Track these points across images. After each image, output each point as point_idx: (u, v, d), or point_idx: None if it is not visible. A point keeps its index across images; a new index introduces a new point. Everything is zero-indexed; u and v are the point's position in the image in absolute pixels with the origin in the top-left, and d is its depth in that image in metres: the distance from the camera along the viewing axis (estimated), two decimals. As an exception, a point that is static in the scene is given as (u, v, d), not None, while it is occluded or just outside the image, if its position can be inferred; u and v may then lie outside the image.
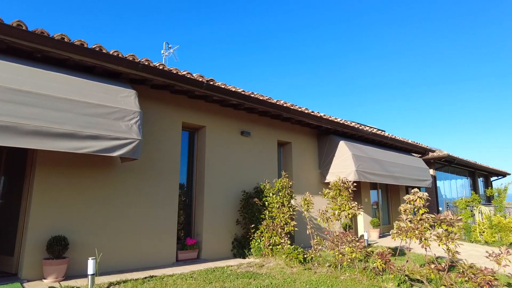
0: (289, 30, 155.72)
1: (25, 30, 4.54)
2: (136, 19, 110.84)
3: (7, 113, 3.99)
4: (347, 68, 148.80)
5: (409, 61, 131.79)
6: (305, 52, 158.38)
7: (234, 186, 7.34)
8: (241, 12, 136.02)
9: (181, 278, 4.99)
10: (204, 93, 6.39)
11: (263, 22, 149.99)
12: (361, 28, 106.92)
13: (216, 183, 7.04)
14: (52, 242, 4.74)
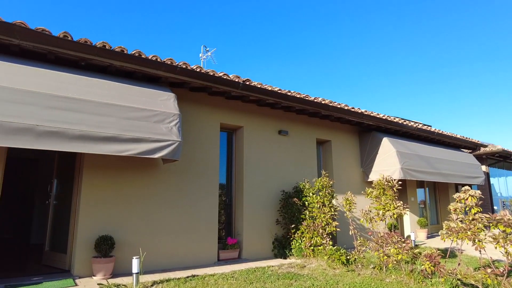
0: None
1: (71, 40, 4.79)
2: (175, 24, 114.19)
3: (56, 119, 4.23)
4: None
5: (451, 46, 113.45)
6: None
7: (273, 186, 7.29)
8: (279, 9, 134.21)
9: (222, 278, 5.02)
10: (240, 93, 6.40)
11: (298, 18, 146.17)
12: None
13: (255, 183, 7.03)
14: (99, 241, 4.96)
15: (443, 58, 30.43)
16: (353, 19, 29.44)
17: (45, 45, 4.62)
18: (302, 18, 29.74)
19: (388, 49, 32.78)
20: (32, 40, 4.53)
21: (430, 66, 32.83)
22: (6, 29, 4.35)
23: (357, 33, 31.01)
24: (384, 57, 33.84)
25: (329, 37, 31.58)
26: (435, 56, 31.82)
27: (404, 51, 32.32)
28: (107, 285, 4.46)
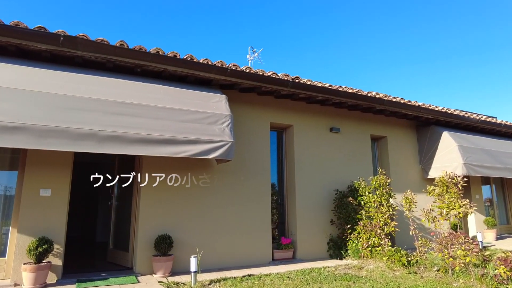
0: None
1: (127, 48, 5.02)
2: (221, 26, 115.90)
3: (117, 124, 4.45)
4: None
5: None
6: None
7: (326, 185, 7.12)
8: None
9: (278, 278, 4.98)
10: (290, 91, 6.32)
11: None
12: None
13: (307, 182, 6.91)
14: (159, 241, 5.15)
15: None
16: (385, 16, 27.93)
17: (104, 54, 4.89)
18: (349, 13, 28.84)
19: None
20: (93, 51, 4.82)
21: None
22: (70, 42, 4.66)
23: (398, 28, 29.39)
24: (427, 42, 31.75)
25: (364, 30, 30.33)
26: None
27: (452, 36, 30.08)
28: (167, 283, 4.61)
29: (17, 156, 5.02)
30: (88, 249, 8.10)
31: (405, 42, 30.73)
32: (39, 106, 4.14)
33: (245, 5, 27.71)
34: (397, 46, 31.33)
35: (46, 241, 4.51)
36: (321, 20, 29.06)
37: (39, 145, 4.04)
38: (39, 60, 4.86)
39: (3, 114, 3.94)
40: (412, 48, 31.07)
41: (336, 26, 29.94)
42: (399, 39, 30.76)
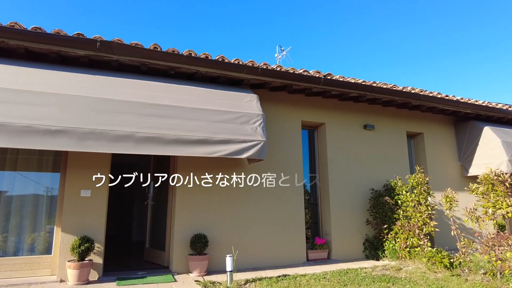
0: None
1: (160, 51, 5.12)
2: (248, 27, 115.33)
3: (152, 125, 4.55)
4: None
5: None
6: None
7: (361, 184, 6.94)
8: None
9: (314, 279, 4.90)
10: (322, 89, 6.22)
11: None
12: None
13: (340, 181, 6.77)
14: (194, 240, 5.21)
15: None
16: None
17: (138, 58, 5.01)
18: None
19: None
20: (128, 54, 4.95)
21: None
22: (107, 47, 4.81)
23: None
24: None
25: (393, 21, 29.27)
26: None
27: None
28: (203, 282, 4.65)
29: (59, 158, 5.25)
30: (125, 248, 8.35)
31: (438, 33, 29.49)
32: (78, 110, 4.30)
33: (271, 3, 27.59)
34: (431, 37, 30.13)
35: (87, 240, 4.68)
36: (350, 16, 28.44)
37: (79, 147, 4.19)
38: (77, 66, 5.06)
39: (46, 118, 4.12)
40: (446, 39, 29.76)
41: (364, 21, 29.19)
42: (434, 30, 29.56)
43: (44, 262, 4.91)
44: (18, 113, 4.05)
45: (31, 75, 4.50)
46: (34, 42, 4.57)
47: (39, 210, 5.15)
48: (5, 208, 5.00)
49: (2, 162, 5.07)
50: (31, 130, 4.02)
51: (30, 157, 5.19)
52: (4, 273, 4.69)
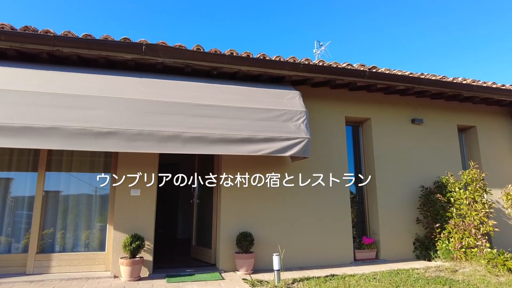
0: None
1: (203, 52, 5.18)
2: (286, 23, 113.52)
3: (198, 125, 4.61)
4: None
5: None
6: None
7: (409, 181, 6.64)
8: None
9: (364, 279, 4.74)
10: (367, 82, 6.00)
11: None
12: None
13: (388, 179, 6.51)
14: (240, 238, 5.23)
15: None
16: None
17: (182, 59, 5.10)
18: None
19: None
20: (172, 56, 5.05)
21: None
22: (152, 50, 4.94)
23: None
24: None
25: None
26: None
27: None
28: (250, 280, 4.65)
29: (109, 159, 5.47)
30: (171, 246, 8.58)
31: (489, 17, 27.59)
32: (128, 112, 4.44)
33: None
34: (482, 23, 28.26)
35: (138, 237, 4.84)
36: (390, 4, 27.36)
37: (129, 148, 4.33)
38: (124, 69, 5.24)
39: (98, 121, 4.31)
40: (498, 24, 27.78)
41: (406, 10, 27.94)
42: (485, 14, 27.72)
43: (98, 258, 5.15)
44: (72, 116, 4.27)
45: (82, 80, 4.72)
46: (85, 48, 4.78)
47: (92, 209, 5.40)
48: (62, 207, 5.30)
49: (58, 164, 5.37)
50: (84, 132, 4.22)
51: (83, 159, 5.46)
52: (65, 268, 4.98)
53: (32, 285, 4.41)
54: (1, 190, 5.23)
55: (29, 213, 5.18)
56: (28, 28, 4.85)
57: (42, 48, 4.66)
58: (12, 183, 5.31)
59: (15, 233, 5.14)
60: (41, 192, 5.16)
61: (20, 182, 5.30)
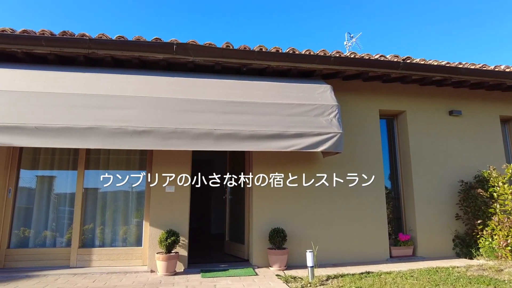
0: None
1: (233, 49, 5.19)
2: (315, 16, 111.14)
3: (229, 122, 4.64)
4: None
5: None
6: None
7: (448, 176, 6.36)
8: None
9: (401, 277, 4.61)
10: (401, 74, 5.79)
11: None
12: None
13: (425, 173, 6.27)
14: (272, 234, 5.23)
15: None
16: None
17: (212, 58, 5.13)
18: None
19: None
20: (202, 55, 5.10)
21: None
22: (183, 49, 5.01)
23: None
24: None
25: None
26: None
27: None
28: (284, 276, 4.64)
29: (144, 157, 5.63)
30: (205, 241, 8.73)
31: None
32: (161, 111, 4.54)
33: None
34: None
35: (173, 233, 4.95)
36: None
37: (164, 146, 4.43)
38: (156, 69, 5.35)
39: (133, 120, 4.43)
40: (543, 10, 25.90)
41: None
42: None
43: (136, 253, 5.33)
44: (108, 116, 4.42)
45: (116, 80, 4.87)
46: (119, 50, 4.93)
47: (129, 206, 5.59)
48: (100, 203, 5.51)
49: (96, 162, 5.59)
50: (120, 131, 4.35)
51: (119, 157, 5.65)
52: (105, 262, 5.19)
53: (75, 278, 4.63)
54: (46, 187, 5.52)
55: (70, 209, 5.44)
56: (66, 32, 5.05)
57: (79, 51, 4.85)
58: (55, 181, 5.58)
59: (59, 228, 5.41)
60: (81, 189, 5.40)
61: (62, 180, 5.57)
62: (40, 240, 5.33)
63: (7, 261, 5.09)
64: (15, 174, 5.36)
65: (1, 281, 4.45)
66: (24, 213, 5.38)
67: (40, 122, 4.24)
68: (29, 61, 5.06)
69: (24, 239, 5.29)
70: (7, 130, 4.18)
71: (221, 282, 4.43)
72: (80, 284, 4.33)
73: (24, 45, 4.72)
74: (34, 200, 5.44)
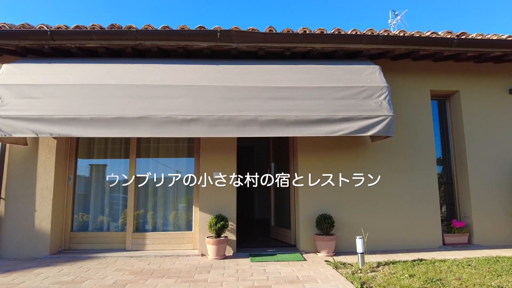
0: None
1: (276, 33, 5.10)
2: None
3: (274, 108, 4.60)
4: None
5: None
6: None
7: (506, 159, 5.92)
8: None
9: (457, 265, 4.40)
10: (455, 51, 5.41)
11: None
12: None
13: (481, 156, 5.89)
14: (320, 220, 5.18)
15: None
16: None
17: (255, 43, 5.08)
18: None
19: None
20: (245, 41, 5.06)
21: None
22: (226, 36, 4.99)
23: None
24: None
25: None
26: None
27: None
28: (333, 262, 4.60)
29: (192, 145, 5.76)
30: (250, 226, 8.86)
31: None
32: (208, 99, 4.60)
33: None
34: None
35: (222, 218, 5.06)
36: (474, -38, 24.13)
37: (211, 133, 4.50)
38: (201, 58, 5.40)
39: (181, 109, 4.52)
40: None
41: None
42: None
43: (186, 237, 5.52)
44: (157, 106, 4.54)
45: (163, 70, 4.98)
46: (164, 40, 5.02)
47: (178, 192, 5.77)
48: (152, 190, 5.74)
49: (147, 151, 5.80)
50: (169, 120, 4.47)
51: (168, 145, 5.82)
52: (157, 246, 5.44)
53: (131, 260, 4.89)
54: (100, 175, 5.83)
55: (122, 196, 5.72)
56: (114, 25, 5.22)
57: (126, 43, 4.99)
58: (107, 169, 5.87)
59: (113, 213, 5.72)
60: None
61: (114, 167, 5.84)
62: (97, 225, 5.67)
63: (71, 243, 5.49)
64: (73, 163, 5.71)
65: (67, 261, 4.81)
66: (82, 199, 5.73)
67: (95, 113, 4.45)
68: (81, 55, 5.31)
69: (83, 223, 5.66)
70: (65, 122, 4.43)
71: (270, 267, 4.48)
72: (137, 266, 4.57)
73: (77, 40, 4.93)
74: (91, 187, 5.77)
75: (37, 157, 5.31)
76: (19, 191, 5.20)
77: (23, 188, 5.21)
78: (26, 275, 4.13)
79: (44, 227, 5.14)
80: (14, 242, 5.07)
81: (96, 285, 3.71)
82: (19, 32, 4.90)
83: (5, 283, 3.81)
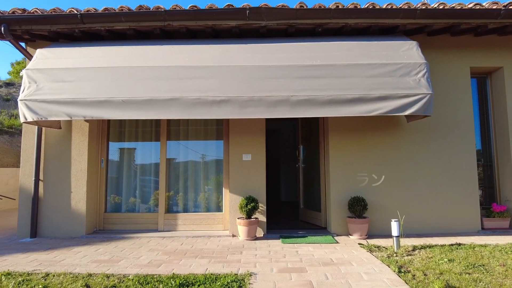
0: None
1: (307, 8, 4.89)
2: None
3: (306, 87, 4.45)
4: None
5: None
6: None
7: (555, 139, 5.56)
8: None
9: (499, 251, 4.20)
10: (501, 23, 5.03)
11: None
12: None
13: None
14: (352, 202, 5.07)
15: None
16: None
17: (286, 20, 4.91)
18: None
19: None
20: (275, 18, 4.89)
21: None
22: (255, 13, 4.84)
23: None
24: None
25: None
26: None
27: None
28: (367, 245, 4.50)
29: (221, 127, 5.73)
30: (277, 208, 8.85)
31: None
32: (237, 79, 4.50)
33: None
34: None
35: (252, 199, 5.03)
36: None
37: (242, 114, 4.41)
38: (229, 37, 5.29)
39: (211, 90, 4.45)
40: None
41: None
42: None
43: (217, 218, 5.55)
44: (187, 87, 4.49)
45: (192, 51, 4.91)
46: (193, 20, 4.93)
47: (208, 174, 5.78)
48: (182, 172, 5.78)
49: (176, 133, 5.82)
50: (200, 102, 4.42)
51: (197, 128, 5.81)
52: (189, 226, 5.51)
53: (164, 240, 4.97)
54: (131, 158, 5.92)
55: (153, 179, 5.79)
56: (142, 6, 5.16)
57: (155, 24, 4.94)
58: (137, 152, 5.94)
59: (144, 195, 5.82)
60: (165, 159, 5.69)
61: (145, 150, 5.91)
62: (129, 206, 5.79)
63: (105, 223, 5.64)
64: (105, 146, 5.81)
65: (103, 240, 4.94)
66: (114, 182, 5.85)
67: (126, 95, 4.45)
68: (111, 38, 5.31)
69: (115, 205, 5.79)
70: (97, 104, 4.47)
71: (302, 248, 4.43)
72: (170, 246, 4.64)
73: (106, 22, 4.93)
74: (122, 169, 5.87)
75: (71, 140, 5.43)
76: (56, 173, 5.36)
77: (59, 170, 5.37)
78: (66, 253, 4.28)
79: (80, 208, 5.29)
80: (53, 222, 5.27)
81: (132, 264, 3.78)
82: (51, 16, 4.94)
83: (48, 259, 3.96)
